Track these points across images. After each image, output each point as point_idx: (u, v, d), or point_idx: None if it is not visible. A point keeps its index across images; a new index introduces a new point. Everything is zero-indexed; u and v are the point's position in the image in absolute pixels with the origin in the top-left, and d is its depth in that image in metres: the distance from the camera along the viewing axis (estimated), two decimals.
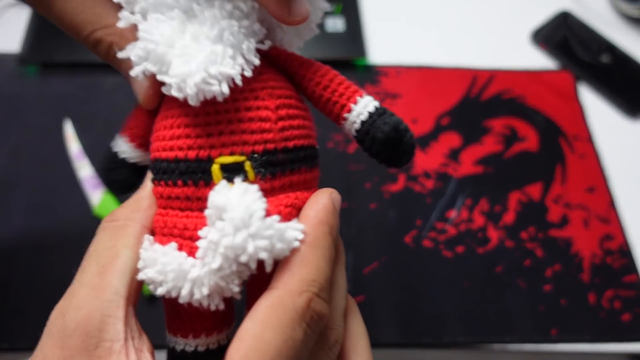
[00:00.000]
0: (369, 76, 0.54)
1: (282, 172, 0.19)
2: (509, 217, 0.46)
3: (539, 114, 0.53)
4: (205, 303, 0.18)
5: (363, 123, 0.21)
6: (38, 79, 0.51)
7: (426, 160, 0.49)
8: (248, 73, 0.19)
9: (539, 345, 0.41)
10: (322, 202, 0.19)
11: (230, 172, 0.18)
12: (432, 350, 0.41)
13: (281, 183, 0.19)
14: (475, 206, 0.47)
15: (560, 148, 0.51)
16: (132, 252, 0.19)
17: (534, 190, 0.48)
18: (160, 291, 0.18)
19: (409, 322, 0.41)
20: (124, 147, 0.22)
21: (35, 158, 0.46)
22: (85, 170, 0.45)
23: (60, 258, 0.41)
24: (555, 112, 0.53)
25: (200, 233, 0.17)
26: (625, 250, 0.45)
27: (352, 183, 0.47)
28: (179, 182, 0.19)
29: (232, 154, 0.18)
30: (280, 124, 0.19)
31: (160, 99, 0.21)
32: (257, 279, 0.19)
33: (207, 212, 0.17)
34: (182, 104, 0.19)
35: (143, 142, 0.22)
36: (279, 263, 0.18)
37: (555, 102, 0.54)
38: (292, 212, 0.19)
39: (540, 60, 0.58)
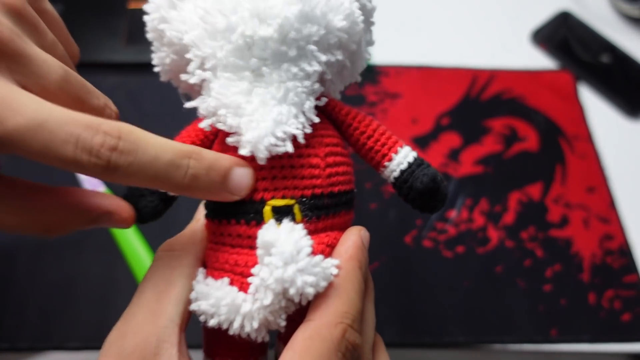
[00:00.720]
0: (369, 76, 0.54)
1: (326, 215, 0.21)
2: (509, 217, 0.46)
3: (539, 114, 0.53)
4: (253, 336, 0.19)
5: (402, 172, 0.22)
6: None
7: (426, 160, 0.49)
8: (308, 130, 0.20)
9: (539, 345, 0.41)
10: (352, 239, 0.21)
11: (280, 214, 0.20)
12: (432, 350, 0.41)
13: (324, 225, 0.21)
14: (475, 206, 0.47)
15: (560, 148, 0.51)
16: (187, 281, 0.20)
17: (534, 190, 0.48)
18: (212, 323, 0.19)
19: (408, 322, 0.41)
20: None
21: None
22: (89, 180, 0.45)
23: (60, 258, 0.41)
24: (555, 112, 0.53)
25: (252, 270, 0.19)
26: (625, 250, 0.45)
27: None
28: (233, 221, 0.20)
29: (283, 197, 0.20)
30: (328, 170, 0.21)
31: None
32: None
33: (258, 250, 0.18)
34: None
35: None
36: (314, 296, 0.19)
37: (555, 102, 0.54)
38: (330, 251, 0.21)
39: (540, 60, 0.58)
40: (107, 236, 0.42)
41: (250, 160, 0.20)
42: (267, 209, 0.20)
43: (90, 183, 0.44)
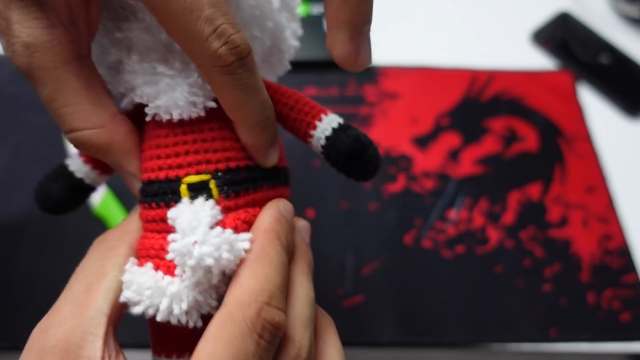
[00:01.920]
0: (368, 76, 0.54)
1: (246, 190, 0.20)
2: (508, 217, 0.47)
3: (539, 114, 0.53)
4: (183, 320, 0.18)
5: (327, 138, 0.21)
6: None
7: (426, 161, 0.49)
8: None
9: (538, 344, 0.41)
10: (269, 212, 0.20)
11: (196, 191, 0.19)
12: (431, 349, 0.41)
13: (245, 201, 0.20)
14: (474, 206, 0.47)
15: (560, 148, 0.51)
16: (119, 272, 0.19)
17: (534, 190, 0.48)
18: (136, 310, 0.18)
19: (408, 321, 0.41)
20: (75, 162, 0.23)
21: (35, 158, 0.46)
22: None
23: (60, 258, 0.41)
24: (555, 112, 0.53)
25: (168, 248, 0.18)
26: (624, 250, 0.45)
27: (352, 183, 0.47)
28: (153, 204, 0.19)
29: (197, 173, 0.19)
30: (240, 143, 0.20)
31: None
32: None
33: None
34: (156, 128, 0.20)
35: (99, 163, 0.22)
36: (231, 279, 0.18)
37: (555, 102, 0.54)
38: (247, 228, 0.19)
39: (539, 61, 0.58)
40: None
41: (164, 135, 0.20)
42: (182, 187, 0.19)
43: None
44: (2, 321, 0.39)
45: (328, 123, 0.21)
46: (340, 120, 0.22)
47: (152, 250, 0.19)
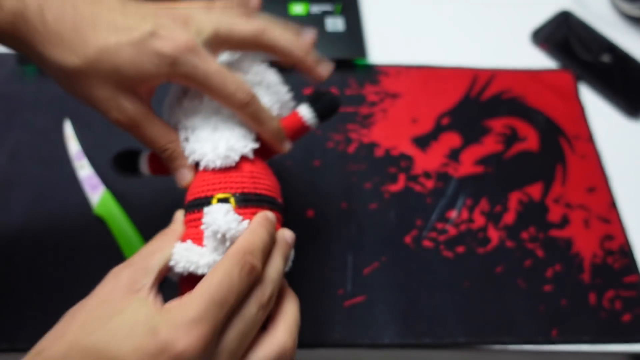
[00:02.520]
0: (369, 76, 0.54)
1: (253, 206, 0.30)
2: (509, 217, 0.46)
3: (540, 114, 0.53)
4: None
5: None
6: (37, 79, 0.51)
7: (426, 160, 0.49)
8: (251, 156, 0.32)
9: (539, 345, 0.41)
10: (261, 213, 0.30)
11: (222, 202, 0.30)
12: (432, 350, 0.41)
13: (251, 211, 0.30)
14: (475, 206, 0.47)
15: (561, 148, 0.51)
16: (170, 250, 0.28)
17: (535, 190, 0.48)
18: (178, 268, 0.27)
19: (409, 322, 0.41)
20: (143, 161, 0.35)
21: (35, 158, 0.46)
22: (84, 170, 0.45)
23: (60, 258, 0.41)
24: (556, 112, 0.53)
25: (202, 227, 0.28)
26: (626, 251, 0.45)
27: (352, 183, 0.47)
28: (195, 211, 0.30)
29: (224, 193, 0.30)
30: (253, 179, 0.31)
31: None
32: None
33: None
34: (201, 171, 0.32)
35: (156, 171, 0.35)
36: None
37: (556, 102, 0.54)
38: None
39: (540, 60, 0.58)
40: (107, 236, 0.42)
41: (205, 175, 0.31)
42: (214, 200, 0.30)
43: (89, 184, 0.44)
44: (1, 322, 0.39)
45: (306, 112, 0.34)
46: (307, 105, 0.35)
47: (191, 235, 0.29)
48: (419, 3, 0.61)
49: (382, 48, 0.56)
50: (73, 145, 0.46)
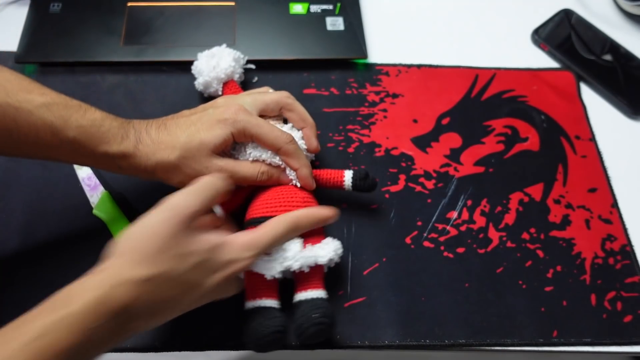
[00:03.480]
0: (369, 76, 0.54)
1: None
2: (510, 218, 0.46)
3: (541, 114, 0.53)
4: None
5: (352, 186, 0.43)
6: (36, 78, 0.50)
7: (427, 161, 0.49)
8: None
9: (540, 347, 0.41)
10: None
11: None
12: (432, 351, 0.41)
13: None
14: (476, 207, 0.47)
15: (562, 148, 0.51)
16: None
17: (535, 191, 0.48)
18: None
19: (409, 323, 0.41)
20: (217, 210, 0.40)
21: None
22: (84, 170, 0.45)
23: (59, 258, 0.41)
24: (557, 111, 0.53)
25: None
26: (627, 251, 0.45)
27: None
28: (254, 227, 0.36)
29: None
30: (296, 203, 0.39)
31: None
32: (302, 272, 0.38)
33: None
34: (260, 193, 0.41)
35: (229, 210, 0.41)
36: None
37: (557, 102, 0.54)
38: (313, 240, 0.39)
39: (541, 59, 0.57)
40: (107, 235, 0.42)
41: (262, 198, 0.40)
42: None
43: (88, 184, 0.44)
44: (1, 322, 0.38)
45: (348, 175, 0.43)
46: (351, 171, 0.43)
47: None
48: (419, 3, 0.61)
49: (382, 48, 0.56)
50: None
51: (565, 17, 0.59)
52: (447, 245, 0.44)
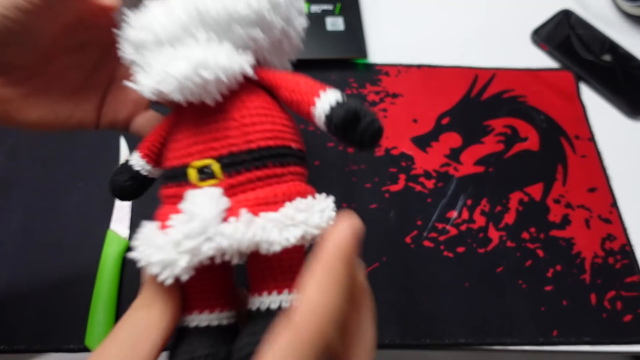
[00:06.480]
0: (369, 76, 0.54)
1: (247, 169, 0.22)
2: (509, 218, 0.46)
3: (540, 114, 0.53)
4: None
5: (327, 115, 0.22)
6: None
7: (427, 160, 0.49)
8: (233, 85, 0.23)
9: (540, 346, 0.41)
10: (346, 225, 0.19)
11: (203, 172, 0.23)
12: (432, 351, 0.41)
13: (247, 178, 0.22)
14: (476, 206, 0.47)
15: (562, 148, 0.51)
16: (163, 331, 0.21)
17: (535, 191, 0.48)
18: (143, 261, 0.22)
19: (409, 322, 0.41)
20: (135, 157, 0.27)
21: (35, 158, 0.46)
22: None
23: (59, 258, 0.41)
24: (557, 111, 0.53)
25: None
26: (627, 251, 0.45)
27: (352, 183, 0.47)
28: (169, 184, 0.24)
29: (203, 158, 0.23)
30: (243, 129, 0.23)
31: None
32: (257, 261, 0.22)
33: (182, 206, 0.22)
34: (179, 122, 0.24)
35: (153, 158, 0.27)
36: (299, 283, 0.19)
37: (557, 102, 0.54)
38: (260, 208, 0.22)
39: (541, 60, 0.57)
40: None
41: (182, 131, 0.24)
42: (190, 171, 0.23)
43: (118, 214, 0.43)
44: (1, 322, 0.38)
45: (326, 100, 0.22)
46: (338, 96, 0.22)
47: (161, 216, 0.23)
48: (419, 3, 0.61)
49: (382, 48, 0.56)
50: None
51: (565, 18, 0.59)
52: (447, 244, 0.44)
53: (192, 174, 0.23)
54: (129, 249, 0.41)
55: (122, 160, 0.46)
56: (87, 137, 0.47)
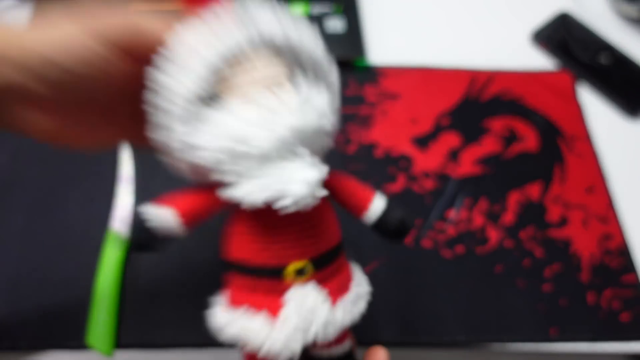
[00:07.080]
0: (369, 76, 0.54)
1: (331, 263, 0.26)
2: (508, 217, 0.47)
3: (538, 115, 0.53)
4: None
5: (378, 221, 0.28)
6: None
7: (426, 161, 0.49)
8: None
9: (538, 344, 0.41)
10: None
11: (298, 272, 0.25)
12: (431, 349, 0.41)
13: (330, 270, 0.26)
14: (474, 206, 0.47)
15: (559, 148, 0.51)
16: None
17: (533, 190, 0.48)
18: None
19: (408, 321, 0.41)
20: (170, 221, 0.24)
21: (36, 158, 0.46)
22: (124, 198, 0.44)
23: (60, 258, 0.41)
24: (555, 112, 0.54)
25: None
26: (624, 250, 0.46)
27: None
28: (255, 278, 0.25)
29: (298, 261, 0.25)
30: (326, 231, 0.26)
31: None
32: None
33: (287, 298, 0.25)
34: (258, 224, 0.25)
35: (194, 224, 0.25)
36: None
37: (555, 103, 0.54)
38: (340, 293, 0.27)
39: (539, 61, 0.58)
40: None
41: (248, 229, 0.25)
42: (289, 271, 0.25)
43: (120, 215, 0.43)
44: (2, 322, 0.39)
45: (378, 208, 0.28)
46: (384, 203, 0.28)
47: (263, 305, 0.25)
48: (419, 3, 0.61)
49: (382, 48, 0.56)
50: (125, 168, 0.45)
51: (563, 20, 0.60)
52: (446, 244, 0.45)
53: (290, 274, 0.25)
54: (129, 248, 0.41)
55: (122, 160, 0.46)
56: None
